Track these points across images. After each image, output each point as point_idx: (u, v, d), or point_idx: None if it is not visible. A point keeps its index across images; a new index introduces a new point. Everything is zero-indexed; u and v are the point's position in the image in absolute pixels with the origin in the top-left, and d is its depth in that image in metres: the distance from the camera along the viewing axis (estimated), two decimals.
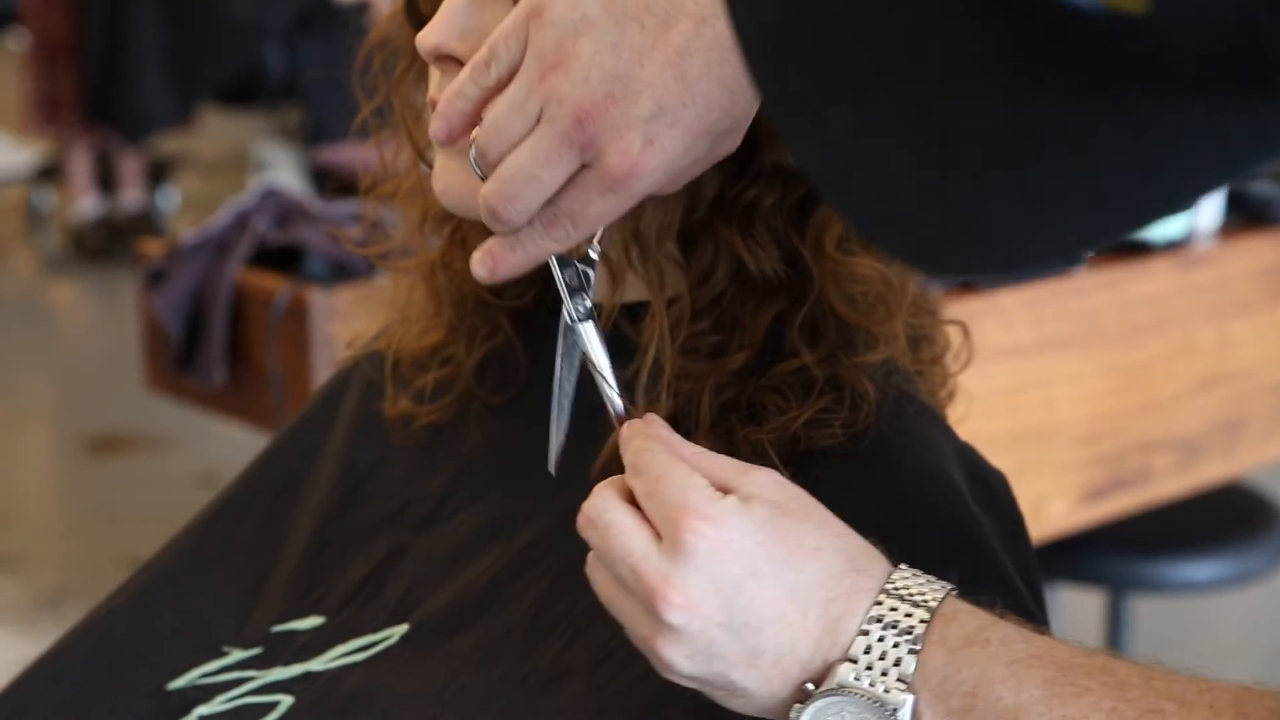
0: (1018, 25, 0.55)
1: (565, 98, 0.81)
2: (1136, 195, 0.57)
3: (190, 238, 2.40)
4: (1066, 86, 0.56)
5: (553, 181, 0.83)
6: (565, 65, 0.81)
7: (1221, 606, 3.40)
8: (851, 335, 0.95)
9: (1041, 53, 0.55)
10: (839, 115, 0.60)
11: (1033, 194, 0.57)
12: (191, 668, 1.03)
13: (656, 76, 0.81)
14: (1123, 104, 0.55)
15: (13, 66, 6.66)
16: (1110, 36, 0.53)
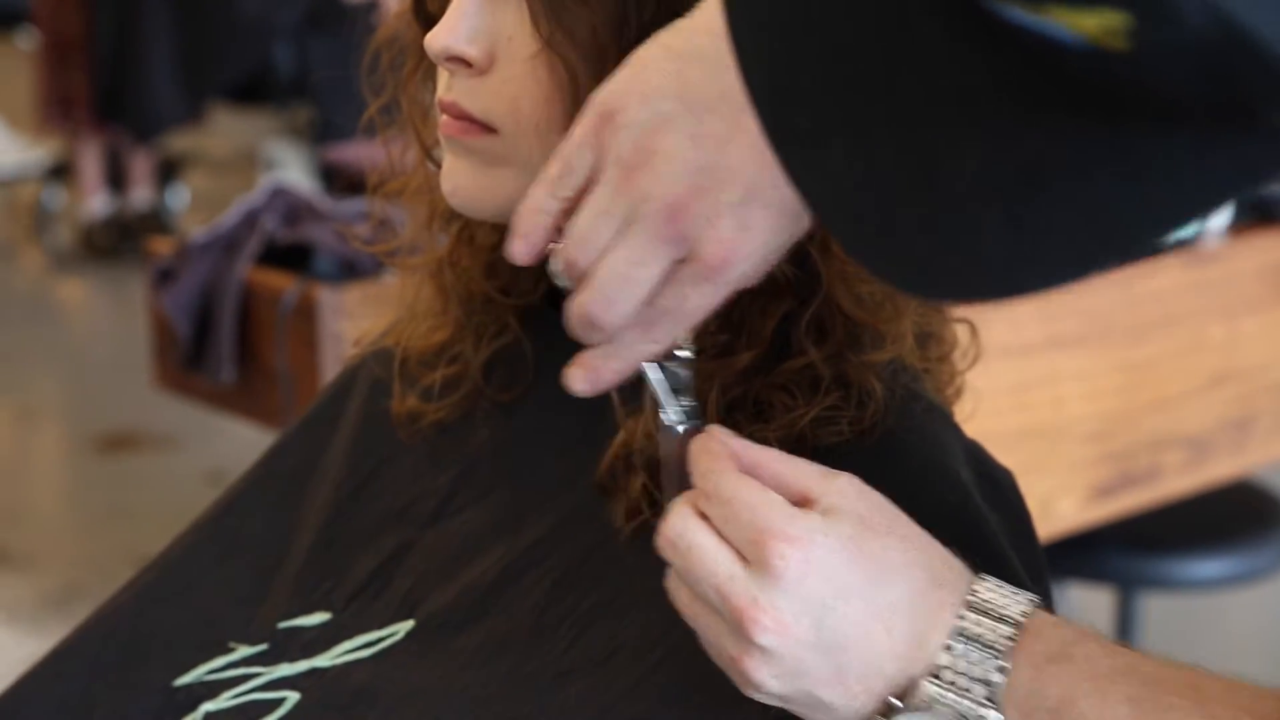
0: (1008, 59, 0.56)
1: (653, 195, 0.80)
2: (1125, 223, 0.57)
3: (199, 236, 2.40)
4: (1055, 118, 0.56)
5: (649, 281, 0.82)
6: (649, 164, 0.80)
7: (1231, 604, 3.39)
8: (859, 333, 0.95)
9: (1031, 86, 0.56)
10: (838, 148, 0.61)
11: (1025, 224, 0.58)
12: (198, 664, 1.03)
13: (742, 161, 0.80)
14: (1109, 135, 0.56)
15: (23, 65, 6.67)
16: (1095, 71, 0.54)
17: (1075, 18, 0.52)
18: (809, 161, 0.62)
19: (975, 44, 0.56)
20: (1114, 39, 0.52)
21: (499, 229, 1.04)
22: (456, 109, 0.95)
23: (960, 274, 0.61)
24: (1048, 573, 0.97)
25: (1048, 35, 0.53)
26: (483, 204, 0.97)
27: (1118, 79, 0.53)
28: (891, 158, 0.60)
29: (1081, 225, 0.57)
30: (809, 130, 0.61)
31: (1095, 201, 0.57)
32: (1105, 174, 0.56)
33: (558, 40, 0.91)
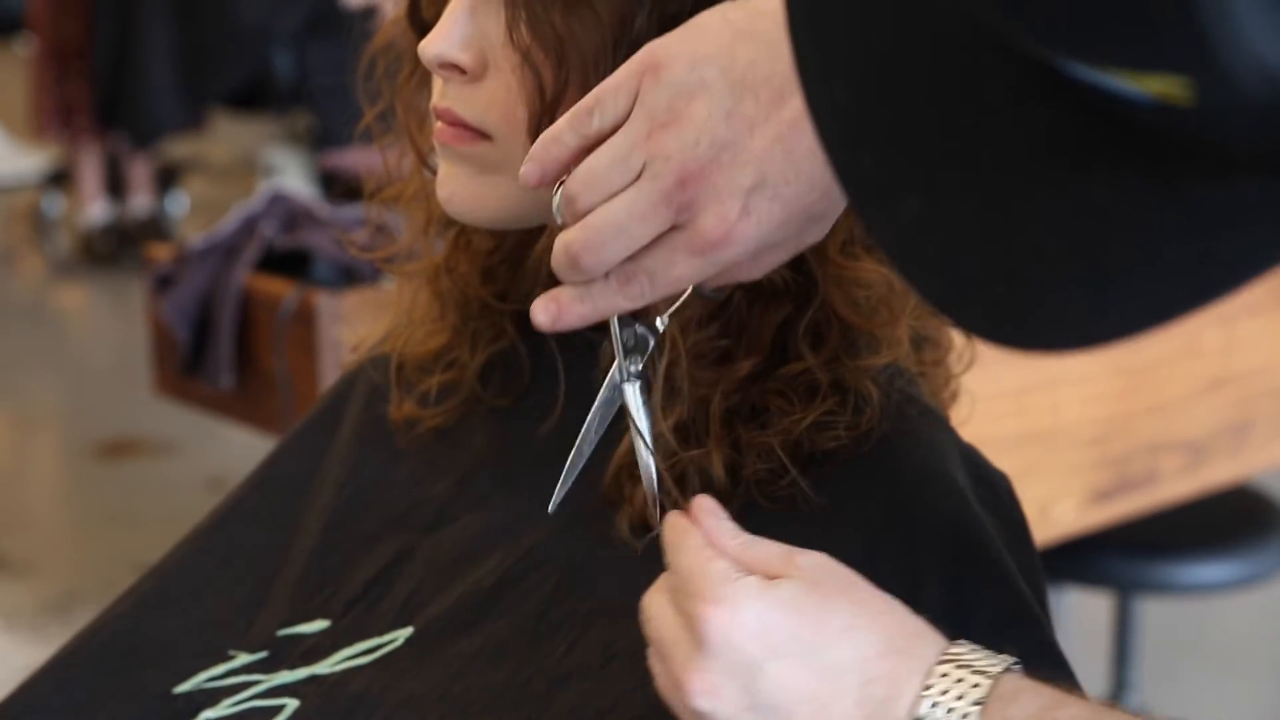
0: (1075, 112, 0.56)
1: (673, 155, 0.81)
2: (1198, 274, 0.58)
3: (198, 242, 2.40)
4: (1124, 170, 0.57)
5: (642, 237, 0.82)
6: (676, 125, 0.81)
7: (1229, 608, 3.39)
8: (855, 338, 0.96)
9: (1099, 138, 0.56)
10: (911, 199, 0.61)
11: (1099, 276, 0.58)
12: (198, 671, 1.03)
13: (764, 149, 0.81)
14: (1179, 185, 0.56)
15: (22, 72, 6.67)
16: (1162, 125, 0.54)
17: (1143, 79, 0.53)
18: (883, 214, 0.63)
19: (1042, 99, 0.57)
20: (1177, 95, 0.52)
21: (495, 234, 1.05)
22: (451, 115, 0.95)
23: (1037, 324, 0.61)
24: (1043, 577, 0.97)
25: (1113, 91, 0.54)
26: (478, 211, 0.97)
27: (1185, 132, 0.54)
28: (965, 212, 0.60)
29: (1154, 275, 0.58)
30: (882, 182, 0.62)
31: (1166, 252, 0.57)
32: (1176, 225, 0.57)
33: (534, 51, 0.91)
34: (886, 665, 0.80)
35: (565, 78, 0.91)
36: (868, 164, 0.62)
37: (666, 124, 0.82)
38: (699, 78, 0.82)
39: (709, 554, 0.83)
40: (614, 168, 0.83)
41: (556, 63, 0.91)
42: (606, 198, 0.83)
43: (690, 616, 0.81)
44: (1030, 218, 0.59)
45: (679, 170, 0.81)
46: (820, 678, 0.79)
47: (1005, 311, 0.61)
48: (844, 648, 0.80)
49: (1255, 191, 0.56)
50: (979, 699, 0.78)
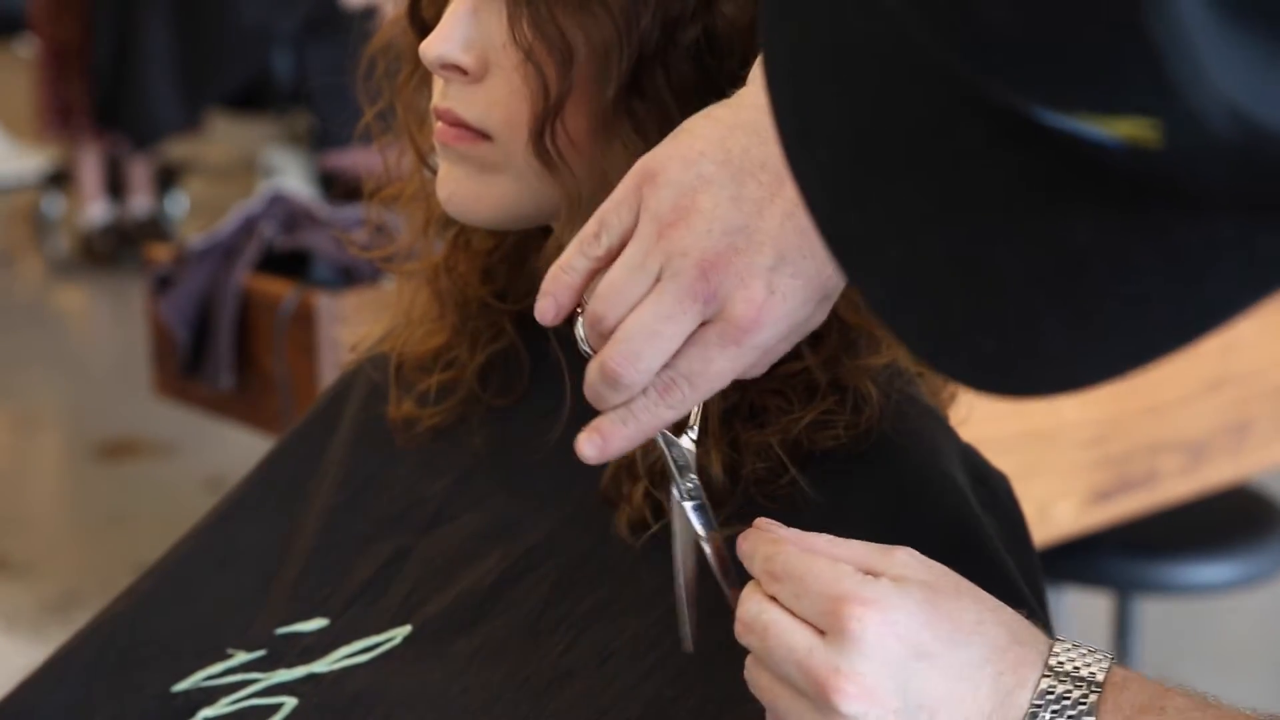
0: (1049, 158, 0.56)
1: (689, 250, 0.81)
2: (1181, 314, 0.58)
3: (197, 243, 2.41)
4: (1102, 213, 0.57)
5: (676, 338, 0.81)
6: (686, 221, 0.81)
7: (1229, 609, 3.39)
8: (854, 338, 0.96)
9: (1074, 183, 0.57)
10: (892, 252, 0.61)
11: (1079, 318, 0.59)
12: (196, 670, 1.04)
13: (777, 227, 0.81)
14: (1157, 227, 0.56)
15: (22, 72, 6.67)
16: (1134, 167, 0.54)
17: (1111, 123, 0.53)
18: (867, 270, 0.63)
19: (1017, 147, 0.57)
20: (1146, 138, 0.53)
21: (495, 234, 1.05)
22: (451, 116, 0.95)
23: (1021, 369, 0.61)
24: (1043, 576, 0.97)
25: (1084, 136, 0.54)
26: (478, 211, 0.97)
27: (1157, 174, 0.54)
28: (946, 262, 0.60)
29: (1134, 316, 0.58)
30: (864, 238, 0.62)
31: (1146, 293, 0.58)
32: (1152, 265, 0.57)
33: (537, 49, 0.91)
34: (1013, 655, 0.80)
35: (569, 77, 0.91)
36: (850, 221, 0.63)
37: (675, 222, 0.81)
38: (697, 173, 0.82)
39: (823, 559, 0.81)
40: (632, 277, 0.82)
41: (559, 62, 0.91)
42: (630, 309, 0.82)
43: (836, 617, 0.79)
44: (1010, 265, 0.59)
45: (698, 262, 0.81)
46: (959, 674, 0.79)
47: (990, 360, 0.61)
48: (977, 643, 0.80)
49: (1232, 231, 0.56)
50: (1096, 685, 0.79)
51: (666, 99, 0.92)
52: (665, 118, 0.91)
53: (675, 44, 0.91)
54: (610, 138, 0.93)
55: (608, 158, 0.93)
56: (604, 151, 0.93)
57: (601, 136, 0.93)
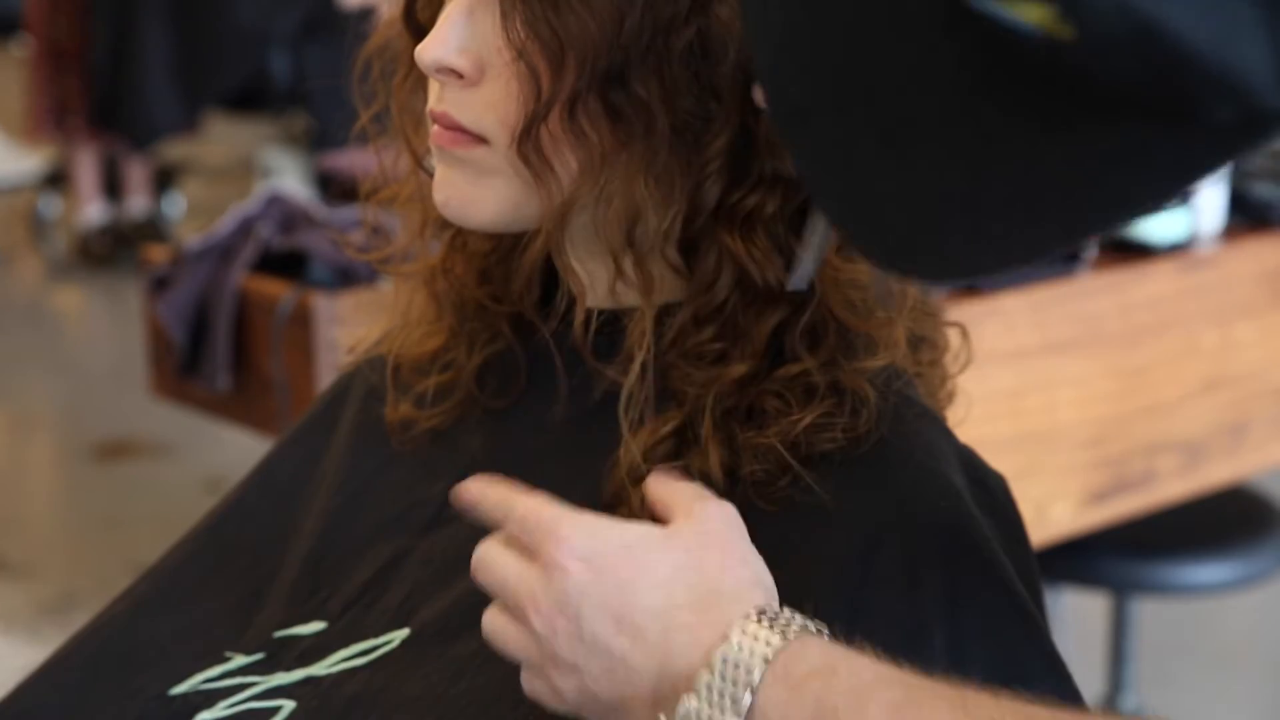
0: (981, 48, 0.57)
1: None
2: (1074, 211, 0.59)
3: (195, 244, 2.40)
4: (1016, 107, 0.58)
5: None
6: None
7: (1226, 609, 3.39)
8: (852, 340, 0.96)
9: (997, 75, 0.57)
10: (825, 124, 0.62)
11: (982, 205, 0.60)
12: (194, 673, 1.03)
13: None
14: (1065, 123, 0.57)
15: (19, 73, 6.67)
16: (1050, 60, 0.55)
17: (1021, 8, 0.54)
18: (799, 136, 0.64)
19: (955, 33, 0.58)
20: (1060, 29, 0.53)
21: (492, 236, 1.05)
22: (447, 120, 0.95)
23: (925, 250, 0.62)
24: (1040, 577, 0.97)
25: (1009, 24, 0.55)
26: (475, 214, 0.97)
27: (1068, 69, 0.55)
28: (870, 139, 0.61)
29: (1032, 207, 0.59)
30: (800, 105, 0.63)
31: (1048, 187, 0.59)
32: (1056, 160, 0.58)
33: (530, 49, 0.91)
34: (685, 619, 0.83)
35: (562, 79, 0.91)
36: (794, 87, 0.64)
37: None
38: None
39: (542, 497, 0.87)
40: None
41: (552, 62, 0.91)
42: None
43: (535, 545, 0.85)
44: (924, 148, 0.60)
45: None
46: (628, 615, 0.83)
47: (899, 238, 0.63)
48: (656, 595, 0.83)
49: (1134, 136, 0.56)
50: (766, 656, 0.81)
51: (659, 103, 0.91)
52: (657, 122, 0.91)
53: (669, 47, 0.91)
54: (597, 139, 0.93)
55: (592, 159, 0.93)
56: (589, 152, 0.93)
57: (589, 137, 0.93)
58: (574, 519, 0.85)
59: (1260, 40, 0.52)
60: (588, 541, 0.84)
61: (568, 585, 0.83)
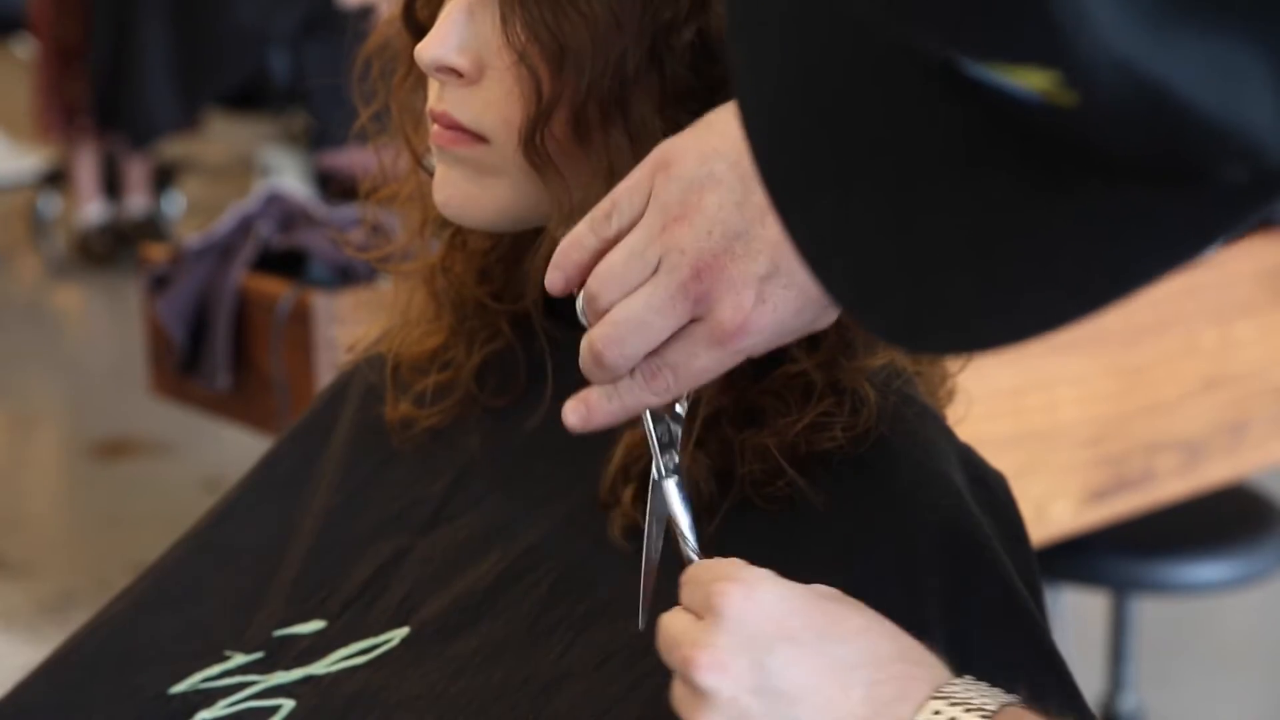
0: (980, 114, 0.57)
1: (687, 248, 0.82)
2: (1086, 280, 0.58)
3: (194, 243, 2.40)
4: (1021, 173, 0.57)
5: (662, 330, 0.83)
6: (689, 218, 0.82)
7: (1226, 608, 3.39)
8: (851, 339, 0.96)
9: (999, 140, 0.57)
10: (825, 200, 0.62)
11: (991, 278, 0.59)
12: (193, 672, 1.03)
13: (777, 238, 0.81)
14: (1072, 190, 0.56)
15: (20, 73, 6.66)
16: (1052, 128, 0.54)
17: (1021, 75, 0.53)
18: (799, 215, 0.64)
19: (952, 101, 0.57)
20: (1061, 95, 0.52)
21: (491, 234, 1.05)
22: (447, 119, 0.95)
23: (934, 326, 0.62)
24: (1040, 576, 0.97)
25: (1009, 92, 0.54)
26: (474, 214, 0.97)
27: (1072, 135, 0.54)
28: (874, 213, 0.61)
29: (1043, 279, 0.58)
30: (799, 184, 0.63)
31: (1057, 257, 0.58)
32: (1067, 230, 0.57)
33: (530, 51, 0.91)
34: (897, 670, 0.79)
35: (561, 79, 0.91)
36: (787, 163, 0.63)
37: (679, 217, 0.82)
38: (709, 171, 0.83)
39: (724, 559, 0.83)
40: (630, 263, 0.83)
41: (552, 63, 0.91)
42: (625, 294, 0.83)
43: (706, 595, 0.80)
44: (931, 218, 0.60)
45: (694, 262, 0.82)
46: (830, 668, 0.79)
47: (905, 315, 0.62)
48: (858, 645, 0.80)
49: (1140, 201, 0.56)
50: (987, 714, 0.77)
51: (660, 102, 0.91)
52: (658, 121, 0.91)
53: (670, 47, 0.91)
54: (603, 140, 0.93)
55: (600, 160, 0.93)
56: (596, 154, 0.93)
57: (594, 139, 0.93)
58: (746, 568, 0.81)
59: (1268, 98, 0.52)
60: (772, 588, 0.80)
61: (747, 635, 0.79)
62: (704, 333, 0.83)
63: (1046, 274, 0.58)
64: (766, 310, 0.82)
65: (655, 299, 0.83)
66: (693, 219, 0.82)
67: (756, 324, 0.82)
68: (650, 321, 0.83)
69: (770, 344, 0.84)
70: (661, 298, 0.82)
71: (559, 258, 0.86)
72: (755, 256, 0.82)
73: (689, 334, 0.83)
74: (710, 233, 0.82)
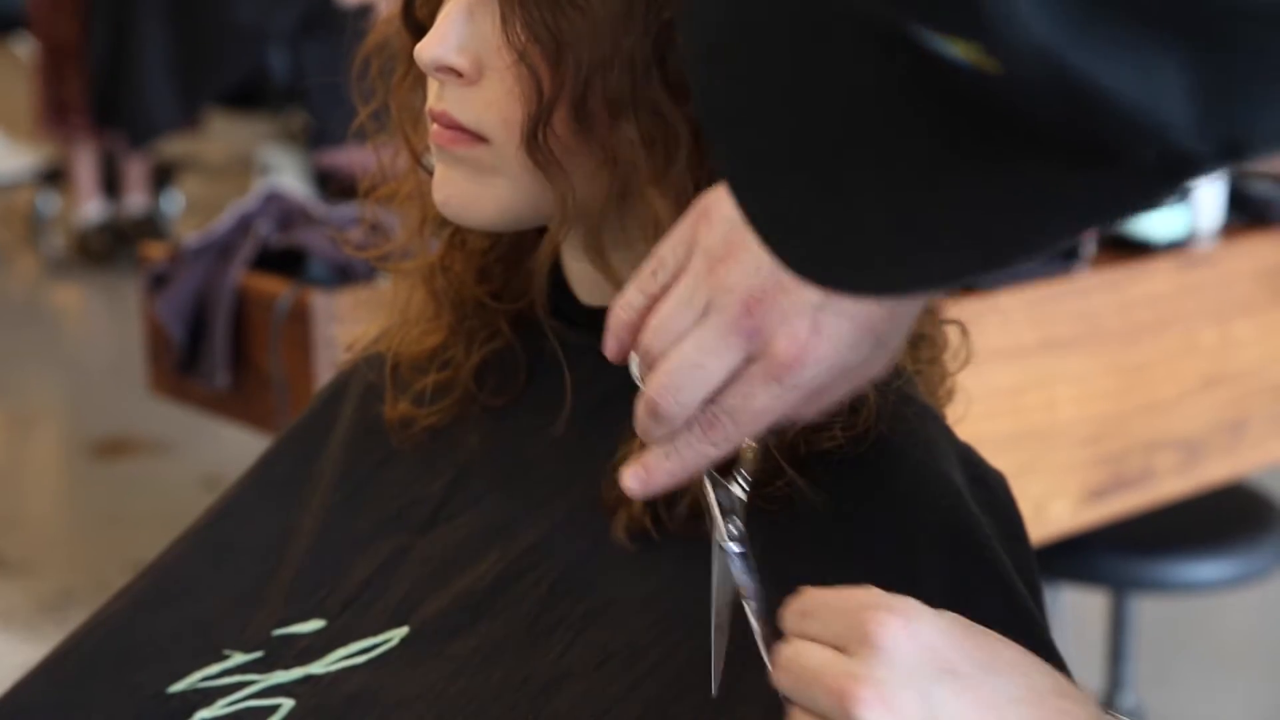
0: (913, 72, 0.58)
1: (735, 286, 0.80)
2: (995, 239, 0.59)
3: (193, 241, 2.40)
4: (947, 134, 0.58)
5: (717, 371, 0.81)
6: (734, 257, 0.81)
7: (1224, 607, 3.39)
8: None
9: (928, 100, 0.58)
10: (755, 130, 0.63)
11: (904, 226, 0.60)
12: (192, 671, 1.03)
13: None
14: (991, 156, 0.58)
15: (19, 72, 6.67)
16: (980, 94, 0.56)
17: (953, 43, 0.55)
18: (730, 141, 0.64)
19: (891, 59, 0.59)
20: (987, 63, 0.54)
21: (491, 234, 1.05)
22: (447, 119, 0.95)
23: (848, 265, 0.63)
24: (1039, 575, 0.97)
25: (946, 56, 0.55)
26: (474, 213, 0.97)
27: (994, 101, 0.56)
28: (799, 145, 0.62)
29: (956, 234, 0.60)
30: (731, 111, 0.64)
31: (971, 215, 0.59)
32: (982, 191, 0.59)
33: (530, 50, 0.91)
34: (1054, 705, 0.77)
35: (562, 78, 0.91)
36: (722, 90, 0.64)
37: (724, 258, 0.81)
38: None
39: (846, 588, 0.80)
40: (679, 311, 0.82)
41: (553, 62, 0.91)
42: (676, 341, 0.82)
43: (855, 625, 0.76)
44: (859, 162, 0.61)
45: (743, 298, 0.80)
46: (990, 703, 0.76)
47: (817, 249, 0.63)
48: (1016, 679, 0.77)
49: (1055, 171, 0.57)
50: None
51: (662, 100, 0.91)
52: (660, 119, 0.91)
53: (671, 44, 0.91)
54: (605, 134, 0.93)
55: (602, 154, 0.93)
56: (598, 148, 0.93)
57: (596, 134, 0.93)
58: (898, 596, 0.78)
59: (1178, 85, 0.53)
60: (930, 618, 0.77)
61: (910, 667, 0.75)
62: (760, 370, 0.81)
63: (959, 229, 0.59)
64: (823, 340, 0.80)
65: (706, 340, 0.81)
66: (738, 257, 0.81)
67: (814, 354, 0.80)
68: (703, 363, 0.81)
69: (828, 378, 0.82)
70: (712, 338, 0.81)
71: (612, 323, 0.85)
72: (805, 287, 0.79)
73: (745, 375, 0.81)
74: (758, 269, 0.80)
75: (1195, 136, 0.54)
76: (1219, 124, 0.54)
